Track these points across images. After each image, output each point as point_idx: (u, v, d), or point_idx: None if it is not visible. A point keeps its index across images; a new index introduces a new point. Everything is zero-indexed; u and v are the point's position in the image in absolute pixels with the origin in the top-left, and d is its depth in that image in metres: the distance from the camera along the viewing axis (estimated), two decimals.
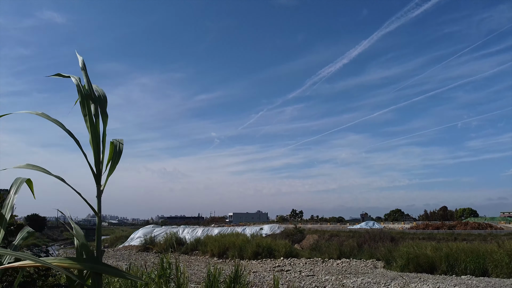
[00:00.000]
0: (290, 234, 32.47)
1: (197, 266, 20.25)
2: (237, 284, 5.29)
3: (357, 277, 16.11)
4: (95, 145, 1.67)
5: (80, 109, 1.72)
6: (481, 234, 26.17)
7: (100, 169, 1.68)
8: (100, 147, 1.69)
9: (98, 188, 1.67)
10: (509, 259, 15.87)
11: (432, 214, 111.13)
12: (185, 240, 34.14)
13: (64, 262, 1.46)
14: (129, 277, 1.65)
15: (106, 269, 1.55)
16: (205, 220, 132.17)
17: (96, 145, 1.67)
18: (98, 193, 1.68)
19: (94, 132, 1.70)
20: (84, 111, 1.70)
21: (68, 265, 1.45)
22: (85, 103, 1.71)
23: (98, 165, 1.67)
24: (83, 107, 1.70)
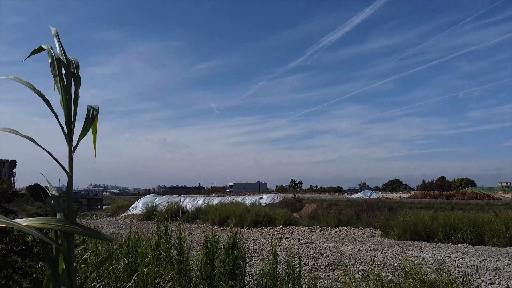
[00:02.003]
0: (289, 203, 32.86)
1: (198, 234, 20.58)
2: (235, 250, 5.30)
3: (355, 245, 16.38)
4: (66, 106, 1.72)
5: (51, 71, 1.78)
6: (479, 203, 26.46)
7: (71, 129, 1.72)
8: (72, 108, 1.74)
9: (69, 147, 1.70)
10: (505, 229, 16.08)
11: (430, 184, 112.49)
12: (186, 209, 34.58)
13: (34, 222, 1.40)
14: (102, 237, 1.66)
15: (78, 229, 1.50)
16: (206, 190, 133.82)
17: (66, 105, 1.73)
18: (69, 152, 1.70)
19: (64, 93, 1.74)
20: (54, 72, 1.76)
21: (38, 225, 1.39)
22: (55, 65, 1.77)
23: (69, 125, 1.71)
24: (53, 68, 1.77)
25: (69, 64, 1.86)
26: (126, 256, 5.17)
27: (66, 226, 1.46)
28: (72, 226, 1.48)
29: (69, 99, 1.74)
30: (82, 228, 1.53)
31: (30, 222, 1.39)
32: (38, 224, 1.40)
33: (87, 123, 1.82)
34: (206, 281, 4.98)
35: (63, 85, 1.75)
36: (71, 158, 1.70)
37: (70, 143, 1.70)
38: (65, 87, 1.75)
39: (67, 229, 1.47)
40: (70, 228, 1.47)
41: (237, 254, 5.29)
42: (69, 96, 1.75)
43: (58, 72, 1.76)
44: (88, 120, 1.82)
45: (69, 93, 1.76)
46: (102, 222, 32.15)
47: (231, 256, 5.24)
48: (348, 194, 67.70)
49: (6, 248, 3.03)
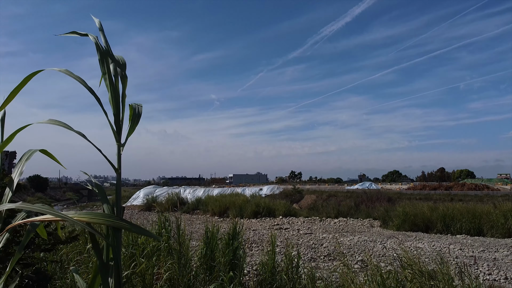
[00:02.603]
0: (289, 194, 32.97)
1: (199, 225, 20.69)
2: (236, 241, 5.33)
3: (354, 235, 16.48)
4: (115, 103, 1.72)
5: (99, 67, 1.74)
6: (478, 195, 26.54)
7: (120, 126, 1.73)
8: (120, 105, 1.74)
9: (118, 146, 1.72)
10: (504, 220, 16.15)
11: (429, 175, 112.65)
12: (186, 200, 34.72)
13: (84, 217, 1.46)
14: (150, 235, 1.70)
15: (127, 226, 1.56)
16: (206, 181, 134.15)
17: (116, 103, 1.72)
18: (118, 150, 1.72)
19: (114, 90, 1.74)
20: (104, 69, 1.73)
21: (88, 220, 1.46)
22: (104, 61, 1.74)
23: (118, 123, 1.72)
24: (102, 64, 1.73)
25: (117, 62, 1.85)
26: (127, 247, 5.20)
27: (115, 222, 1.53)
28: (120, 222, 1.54)
29: (117, 98, 1.74)
30: (129, 224, 1.58)
31: (80, 216, 1.45)
32: (88, 219, 1.46)
33: (133, 121, 1.82)
34: (207, 271, 5.02)
35: (111, 83, 1.73)
36: (119, 155, 1.73)
37: (119, 141, 1.72)
38: (113, 85, 1.74)
39: (115, 224, 1.53)
40: (118, 224, 1.53)
41: (237, 244, 5.33)
42: (117, 94, 1.75)
43: (107, 69, 1.74)
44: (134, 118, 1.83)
45: (118, 91, 1.76)
46: None
47: (231, 247, 5.27)
48: (347, 185, 67.85)
49: (8, 239, 3.04)
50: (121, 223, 1.54)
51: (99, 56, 1.73)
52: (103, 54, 1.75)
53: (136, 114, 1.85)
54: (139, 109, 1.89)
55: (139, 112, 1.87)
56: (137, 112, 1.86)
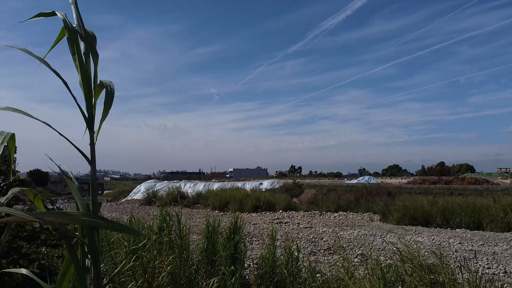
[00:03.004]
0: (289, 188, 33.05)
1: (199, 219, 20.77)
2: (236, 235, 5.36)
3: (354, 229, 16.55)
4: (86, 87, 1.49)
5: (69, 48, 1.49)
6: (478, 189, 26.58)
7: (92, 113, 1.52)
8: (92, 88, 1.51)
9: (91, 135, 1.52)
10: (504, 214, 16.20)
11: (429, 170, 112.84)
12: (187, 194, 34.80)
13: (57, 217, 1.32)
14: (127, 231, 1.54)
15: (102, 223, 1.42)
16: (206, 175, 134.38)
17: (87, 86, 1.49)
18: (91, 139, 1.53)
19: (85, 72, 1.49)
20: (73, 49, 1.48)
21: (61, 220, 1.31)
22: (73, 40, 1.49)
23: (90, 109, 1.51)
24: (71, 45, 1.48)
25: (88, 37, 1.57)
26: (128, 241, 5.23)
27: (89, 220, 1.38)
28: (95, 219, 1.39)
29: (89, 79, 1.51)
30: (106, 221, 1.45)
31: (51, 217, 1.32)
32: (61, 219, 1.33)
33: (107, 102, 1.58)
34: (208, 265, 5.05)
35: (81, 63, 1.49)
36: (93, 146, 1.53)
37: (92, 130, 1.52)
38: (84, 65, 1.49)
39: (90, 223, 1.38)
40: (93, 222, 1.39)
41: (238, 239, 5.36)
42: (88, 75, 1.51)
43: (77, 48, 1.49)
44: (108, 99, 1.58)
45: (89, 72, 1.51)
46: (103, 207, 32.40)
47: (232, 241, 5.30)
48: (347, 180, 67.99)
49: (12, 234, 3.06)
50: (96, 221, 1.39)
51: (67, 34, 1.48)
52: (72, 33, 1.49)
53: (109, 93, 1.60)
54: (111, 87, 1.64)
55: (111, 90, 1.62)
56: (110, 90, 1.61)
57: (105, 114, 1.57)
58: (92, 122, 1.52)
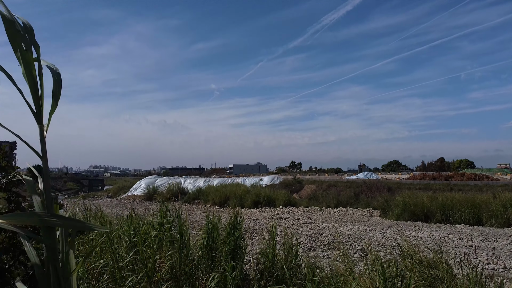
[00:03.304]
0: (289, 184, 33.09)
1: (199, 214, 20.82)
2: (237, 231, 5.37)
3: (354, 225, 16.58)
4: (31, 79, 1.41)
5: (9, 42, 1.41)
6: (477, 185, 26.62)
7: (40, 105, 1.44)
8: (37, 80, 1.44)
9: (41, 128, 1.45)
10: (503, 210, 16.22)
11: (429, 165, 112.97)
12: (187, 190, 34.85)
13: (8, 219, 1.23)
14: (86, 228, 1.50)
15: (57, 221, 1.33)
16: (206, 171, 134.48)
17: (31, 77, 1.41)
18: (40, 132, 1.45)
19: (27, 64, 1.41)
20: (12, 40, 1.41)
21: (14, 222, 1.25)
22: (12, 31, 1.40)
23: (37, 101, 1.43)
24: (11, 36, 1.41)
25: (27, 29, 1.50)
26: (128, 236, 5.24)
27: (43, 220, 1.30)
28: (50, 218, 1.30)
29: (33, 70, 1.43)
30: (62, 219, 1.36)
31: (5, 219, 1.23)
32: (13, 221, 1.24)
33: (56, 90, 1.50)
34: (208, 260, 5.06)
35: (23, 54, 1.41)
36: (43, 139, 1.46)
37: (41, 123, 1.45)
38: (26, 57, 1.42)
39: (44, 223, 1.30)
40: (47, 222, 1.30)
41: (238, 234, 5.37)
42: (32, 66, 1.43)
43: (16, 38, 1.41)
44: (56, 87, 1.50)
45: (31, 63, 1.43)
46: (103, 202, 32.44)
47: (232, 236, 5.31)
48: (347, 175, 68.00)
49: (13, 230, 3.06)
50: (50, 220, 1.30)
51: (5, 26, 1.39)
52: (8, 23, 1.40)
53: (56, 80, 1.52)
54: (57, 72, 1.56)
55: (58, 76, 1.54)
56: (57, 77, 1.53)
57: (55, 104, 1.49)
58: (40, 115, 1.45)
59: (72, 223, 1.45)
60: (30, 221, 1.35)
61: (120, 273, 4.42)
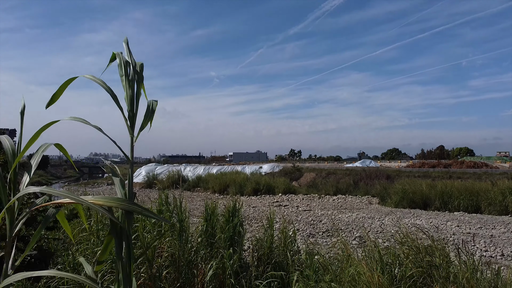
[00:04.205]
0: (288, 172, 33.18)
1: (199, 202, 20.92)
2: (236, 218, 5.39)
3: (352, 212, 16.68)
4: (129, 101, 1.92)
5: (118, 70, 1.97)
6: (476, 172, 26.69)
7: (133, 121, 1.91)
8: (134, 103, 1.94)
9: (131, 138, 1.91)
10: (502, 197, 16.29)
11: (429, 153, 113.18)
12: (187, 177, 34.96)
13: (99, 200, 1.62)
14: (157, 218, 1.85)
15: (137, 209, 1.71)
16: (206, 159, 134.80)
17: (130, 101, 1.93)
18: (131, 142, 1.92)
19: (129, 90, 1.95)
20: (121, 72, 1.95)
21: (103, 203, 1.62)
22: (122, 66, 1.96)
23: (132, 118, 1.91)
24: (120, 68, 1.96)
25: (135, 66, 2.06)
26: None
27: (128, 206, 1.68)
28: (132, 205, 1.69)
29: (132, 96, 1.93)
30: (140, 208, 1.74)
31: (95, 200, 1.60)
32: (103, 202, 1.62)
33: (147, 116, 2.00)
34: (207, 247, 5.09)
35: (128, 83, 1.94)
36: (132, 147, 1.92)
37: (132, 134, 1.90)
38: (130, 85, 1.95)
39: (128, 208, 1.68)
40: (130, 207, 1.69)
41: (237, 221, 5.39)
42: (132, 93, 1.94)
43: (125, 72, 1.95)
44: (148, 113, 2.01)
45: (133, 90, 1.95)
46: (103, 190, 32.57)
47: (231, 223, 5.34)
48: (346, 163, 68.17)
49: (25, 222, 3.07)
50: (133, 207, 1.69)
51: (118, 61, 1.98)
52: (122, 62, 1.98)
53: (149, 110, 2.02)
54: (153, 105, 2.07)
55: (153, 108, 2.05)
56: (151, 109, 2.03)
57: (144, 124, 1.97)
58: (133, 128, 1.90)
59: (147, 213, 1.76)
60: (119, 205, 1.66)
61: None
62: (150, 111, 2.03)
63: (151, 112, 2.03)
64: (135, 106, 1.95)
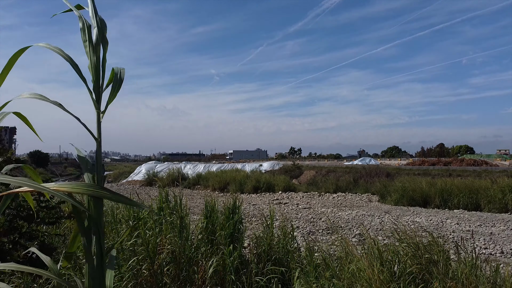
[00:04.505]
0: (288, 170, 33.21)
1: (199, 200, 20.96)
2: (236, 215, 5.42)
3: (352, 210, 16.71)
4: (95, 70, 1.68)
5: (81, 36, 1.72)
6: (476, 170, 26.69)
7: (99, 93, 1.68)
8: (100, 72, 1.69)
9: (98, 113, 1.67)
10: (502, 195, 16.31)
11: (429, 151, 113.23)
12: (187, 175, 35.00)
13: (63, 187, 1.40)
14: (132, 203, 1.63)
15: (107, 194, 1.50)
16: (206, 157, 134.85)
17: (95, 70, 1.68)
18: (97, 117, 1.66)
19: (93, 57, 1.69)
20: (84, 37, 1.71)
21: (67, 190, 1.40)
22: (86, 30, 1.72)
23: (98, 90, 1.68)
24: (84, 33, 1.72)
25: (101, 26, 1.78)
26: (128, 219, 5.30)
27: (95, 191, 1.47)
28: (101, 191, 1.49)
29: (97, 64, 1.69)
30: (111, 193, 1.53)
31: (59, 187, 1.40)
32: (68, 189, 1.41)
33: (114, 86, 1.75)
34: (208, 244, 5.12)
35: (92, 49, 1.69)
36: (99, 123, 1.67)
37: (99, 108, 1.67)
38: (94, 51, 1.69)
39: (96, 193, 1.48)
40: (99, 193, 1.48)
41: (237, 218, 5.42)
42: (97, 60, 1.70)
43: (88, 37, 1.71)
44: (116, 84, 1.76)
45: (98, 57, 1.70)
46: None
47: (231, 221, 5.36)
48: (346, 161, 68.24)
49: (12, 214, 3.10)
50: (102, 192, 1.48)
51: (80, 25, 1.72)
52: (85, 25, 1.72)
53: (117, 79, 1.78)
54: (121, 73, 1.82)
55: (121, 77, 1.80)
56: (119, 77, 1.79)
57: (112, 96, 1.73)
58: (99, 101, 1.67)
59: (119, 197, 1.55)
60: (85, 191, 1.46)
61: (124, 254, 4.49)
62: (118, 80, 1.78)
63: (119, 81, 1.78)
64: (101, 75, 1.70)
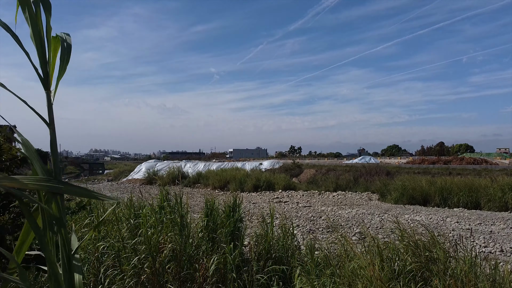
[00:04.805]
0: (288, 168, 33.23)
1: (199, 198, 20.99)
2: (236, 213, 5.45)
3: (352, 208, 16.74)
4: (38, 41, 1.33)
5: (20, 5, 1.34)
6: (476, 169, 26.72)
7: (47, 70, 1.37)
8: (45, 43, 1.36)
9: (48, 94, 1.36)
10: (501, 194, 16.33)
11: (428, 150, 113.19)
12: (187, 174, 35.02)
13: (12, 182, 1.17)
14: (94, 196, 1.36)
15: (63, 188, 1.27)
16: (206, 156, 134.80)
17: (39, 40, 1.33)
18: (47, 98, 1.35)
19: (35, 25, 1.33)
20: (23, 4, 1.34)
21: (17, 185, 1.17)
22: None
23: (45, 65, 1.36)
24: None
25: None
26: (129, 218, 5.32)
27: (50, 185, 1.24)
28: (57, 185, 1.25)
29: (41, 32, 1.34)
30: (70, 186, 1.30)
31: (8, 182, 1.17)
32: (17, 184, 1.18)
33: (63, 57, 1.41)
34: (208, 242, 5.15)
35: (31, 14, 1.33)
36: (50, 106, 1.36)
37: (49, 88, 1.36)
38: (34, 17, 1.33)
39: (53, 189, 1.25)
40: (55, 188, 1.25)
41: (237, 216, 5.44)
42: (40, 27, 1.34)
43: None
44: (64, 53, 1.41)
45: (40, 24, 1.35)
46: (104, 186, 32.65)
47: (232, 219, 5.39)
48: (346, 160, 68.27)
49: (15, 212, 3.12)
50: (60, 187, 1.26)
51: None
52: None
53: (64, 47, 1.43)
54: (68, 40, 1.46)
55: (68, 44, 1.44)
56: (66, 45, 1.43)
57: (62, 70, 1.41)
58: (47, 80, 1.36)
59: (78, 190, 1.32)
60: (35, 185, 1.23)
61: (125, 252, 4.51)
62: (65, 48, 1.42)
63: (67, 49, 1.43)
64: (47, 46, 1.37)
